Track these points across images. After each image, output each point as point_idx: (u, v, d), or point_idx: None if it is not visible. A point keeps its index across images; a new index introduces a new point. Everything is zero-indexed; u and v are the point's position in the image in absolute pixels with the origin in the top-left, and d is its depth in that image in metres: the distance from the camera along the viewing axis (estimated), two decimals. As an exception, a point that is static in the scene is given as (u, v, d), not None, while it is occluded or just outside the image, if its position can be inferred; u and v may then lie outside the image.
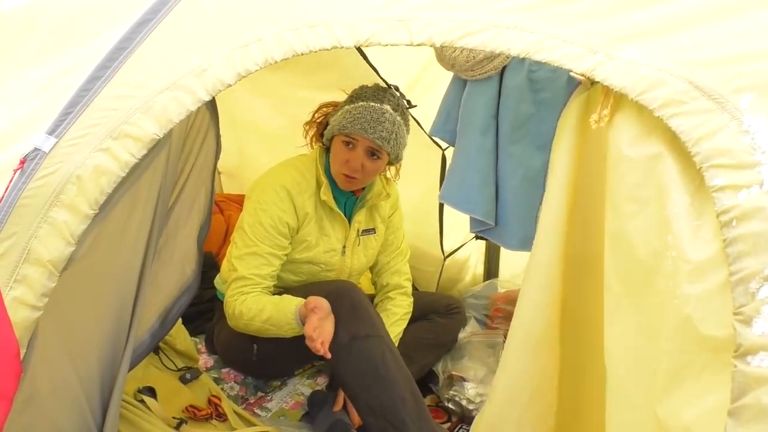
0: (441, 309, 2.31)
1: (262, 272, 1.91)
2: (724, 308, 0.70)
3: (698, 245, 0.75)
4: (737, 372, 0.65)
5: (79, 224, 1.04)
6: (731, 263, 0.69)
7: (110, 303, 1.34)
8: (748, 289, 0.67)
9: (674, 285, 0.76)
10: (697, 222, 0.76)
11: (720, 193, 0.73)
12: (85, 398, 1.34)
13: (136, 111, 1.05)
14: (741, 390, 0.65)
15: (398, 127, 1.92)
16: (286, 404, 2.09)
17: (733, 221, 0.71)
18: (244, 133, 2.85)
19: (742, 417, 0.64)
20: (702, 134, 0.78)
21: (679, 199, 0.79)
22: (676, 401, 0.73)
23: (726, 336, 0.69)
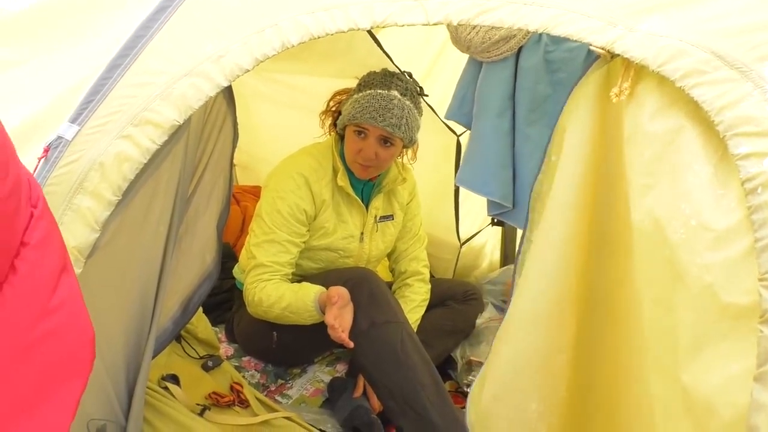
0: (458, 295, 2.31)
1: (280, 260, 1.92)
2: (746, 276, 0.70)
3: (721, 214, 0.75)
4: (763, 337, 0.65)
5: (103, 211, 1.05)
6: (756, 230, 0.69)
7: (133, 291, 1.36)
8: (775, 255, 0.67)
9: (693, 254, 0.76)
10: (721, 191, 0.76)
11: (745, 161, 0.72)
12: (111, 384, 1.36)
13: (155, 98, 1.06)
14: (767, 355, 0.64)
15: (408, 111, 1.91)
16: (307, 391, 2.10)
17: (759, 188, 0.70)
18: (258, 125, 2.86)
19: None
20: (725, 103, 0.77)
21: (702, 170, 0.79)
22: (699, 369, 0.73)
23: (748, 303, 0.69)
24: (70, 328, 0.60)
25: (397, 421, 1.73)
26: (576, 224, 1.04)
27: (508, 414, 1.20)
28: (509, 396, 1.19)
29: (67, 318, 0.60)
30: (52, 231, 0.82)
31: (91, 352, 0.64)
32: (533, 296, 1.12)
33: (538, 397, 1.13)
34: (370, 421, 1.89)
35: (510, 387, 1.19)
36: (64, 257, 0.75)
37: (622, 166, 0.92)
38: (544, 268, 1.10)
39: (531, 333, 1.14)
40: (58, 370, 0.58)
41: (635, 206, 0.88)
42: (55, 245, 0.81)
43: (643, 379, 0.87)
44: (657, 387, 0.83)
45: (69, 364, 0.60)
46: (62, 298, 0.65)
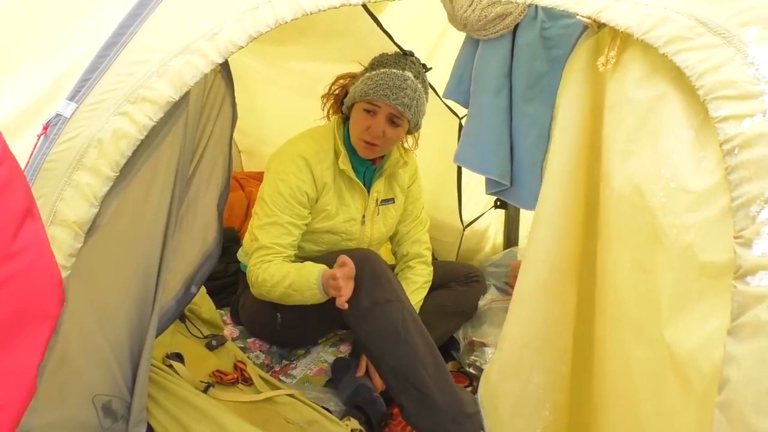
0: (461, 277, 2.33)
1: (283, 241, 1.95)
2: (723, 235, 0.71)
3: (700, 176, 0.76)
4: (737, 292, 0.66)
5: (102, 186, 1.07)
6: (733, 189, 0.70)
7: (136, 269, 1.38)
8: (749, 212, 0.68)
9: (673, 216, 0.77)
10: (700, 154, 0.77)
11: (723, 123, 0.73)
12: (115, 360, 1.40)
13: (151, 75, 1.08)
14: (740, 309, 0.66)
15: (419, 94, 1.93)
16: (311, 371, 2.13)
17: (736, 149, 0.71)
18: (263, 110, 2.88)
19: (740, 334, 0.65)
20: (707, 68, 0.78)
21: (683, 134, 0.80)
22: (680, 328, 0.74)
23: (725, 261, 0.70)
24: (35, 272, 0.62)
25: (399, 398, 1.75)
26: (570, 195, 1.05)
27: (513, 389, 1.21)
28: (514, 371, 1.20)
29: (31, 262, 0.62)
30: (14, 176, 0.82)
31: (59, 296, 0.66)
32: (535, 270, 1.14)
33: (541, 371, 1.15)
34: (373, 400, 1.92)
35: (515, 362, 1.20)
36: (28, 202, 0.75)
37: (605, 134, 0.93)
38: (544, 240, 1.11)
39: (534, 306, 1.15)
40: (25, 313, 0.60)
41: (615, 173, 0.89)
42: (17, 190, 0.81)
43: (622, 344, 0.88)
44: (636, 350, 0.84)
45: (36, 307, 0.61)
46: (25, 243, 0.66)
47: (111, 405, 1.41)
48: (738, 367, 0.64)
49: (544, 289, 1.09)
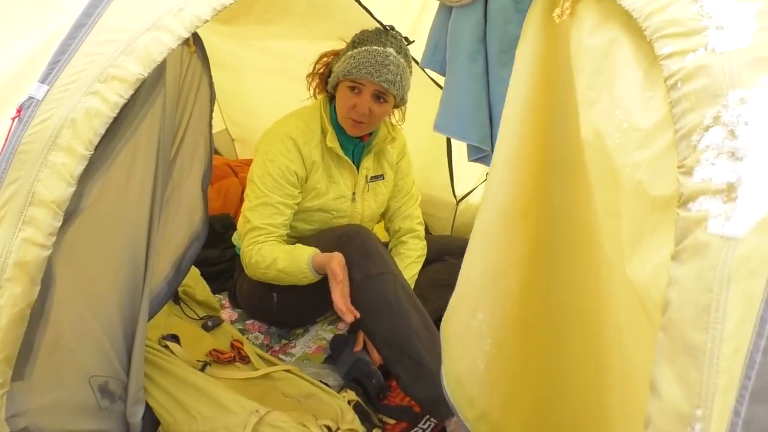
0: (455, 250, 2.34)
1: (274, 221, 1.97)
2: (669, 168, 0.72)
3: (648, 113, 0.77)
4: (679, 219, 0.68)
5: (77, 165, 1.10)
6: (676, 122, 0.71)
7: (123, 251, 1.41)
8: (690, 142, 0.69)
9: (626, 155, 0.79)
10: (649, 93, 0.78)
11: (668, 60, 0.74)
12: (108, 342, 1.43)
13: (120, 54, 1.10)
14: (682, 234, 0.67)
15: (402, 69, 1.94)
16: (309, 349, 2.16)
17: (678, 83, 0.72)
18: (251, 97, 2.90)
19: (682, 257, 0.66)
20: (653, 9, 0.79)
21: (633, 76, 0.81)
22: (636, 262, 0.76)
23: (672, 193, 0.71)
24: None
25: (394, 369, 1.77)
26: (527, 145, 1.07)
27: (460, 322, 1.28)
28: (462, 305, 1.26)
29: None
30: None
31: None
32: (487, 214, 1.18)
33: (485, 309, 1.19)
34: (370, 373, 1.94)
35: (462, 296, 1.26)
36: None
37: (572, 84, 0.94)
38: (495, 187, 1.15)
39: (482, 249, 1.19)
40: None
41: (582, 121, 0.90)
42: None
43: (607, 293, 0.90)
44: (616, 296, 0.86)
45: None
46: None
47: (108, 386, 1.45)
48: (679, 287, 0.65)
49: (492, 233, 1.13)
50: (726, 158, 0.65)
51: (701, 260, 0.64)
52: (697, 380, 0.62)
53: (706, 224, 0.64)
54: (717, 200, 0.65)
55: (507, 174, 1.06)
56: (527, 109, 1.03)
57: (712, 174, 0.66)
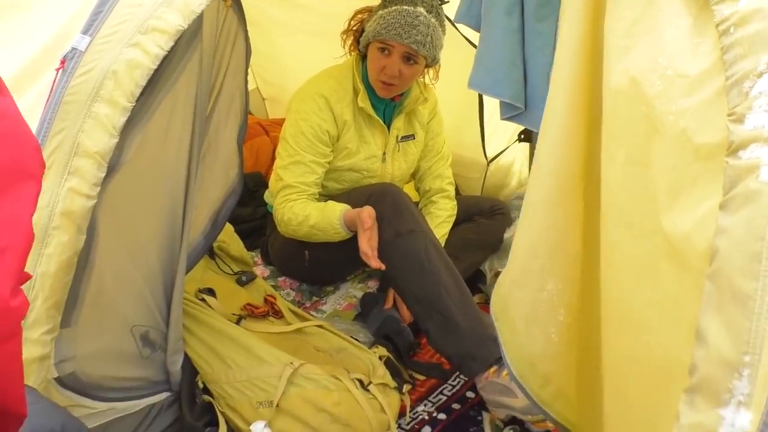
0: (485, 210, 2.34)
1: (307, 180, 1.99)
2: (717, 116, 0.70)
3: (696, 60, 0.75)
4: (729, 167, 0.67)
5: (120, 116, 1.12)
6: (727, 69, 0.69)
7: (162, 205, 1.44)
8: (742, 89, 0.67)
9: (669, 103, 0.77)
10: (698, 39, 0.76)
11: (720, 5, 0.72)
12: (149, 293, 1.47)
13: (159, 5, 1.11)
14: (732, 183, 0.66)
15: (433, 29, 1.92)
16: (340, 306, 2.20)
17: (731, 28, 0.70)
18: (284, 56, 2.89)
19: (731, 206, 0.65)
20: (706, -46, 0.76)
21: (681, 22, 0.78)
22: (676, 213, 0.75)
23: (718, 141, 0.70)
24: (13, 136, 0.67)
25: (424, 325, 1.80)
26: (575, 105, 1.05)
27: (526, 298, 1.23)
28: (527, 279, 1.22)
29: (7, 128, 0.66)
30: None
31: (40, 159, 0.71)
32: (543, 179, 1.15)
33: (555, 278, 1.16)
34: (400, 330, 1.97)
35: (527, 270, 1.22)
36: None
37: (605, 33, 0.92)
38: (550, 149, 1.12)
39: (544, 216, 1.16)
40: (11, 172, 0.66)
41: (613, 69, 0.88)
42: None
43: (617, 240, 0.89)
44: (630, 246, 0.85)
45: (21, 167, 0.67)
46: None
47: (149, 335, 1.50)
48: (728, 236, 0.65)
49: (553, 199, 1.10)
50: (780, 105, 0.64)
51: (752, 208, 0.63)
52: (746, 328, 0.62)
53: (758, 172, 0.64)
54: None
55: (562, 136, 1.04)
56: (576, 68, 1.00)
57: (765, 121, 0.64)
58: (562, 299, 1.13)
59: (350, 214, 1.87)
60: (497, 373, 1.65)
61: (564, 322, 1.14)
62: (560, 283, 1.12)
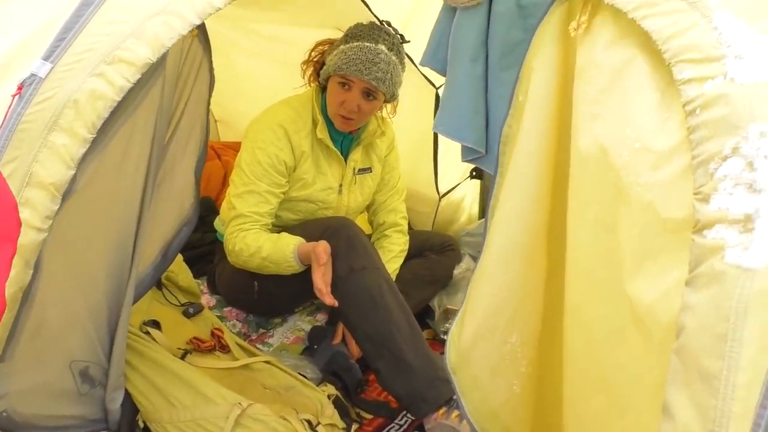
0: (436, 246, 2.36)
1: (260, 210, 1.96)
2: (683, 192, 0.74)
3: (664, 135, 0.79)
4: (695, 245, 0.70)
5: (79, 148, 1.08)
6: (694, 148, 0.73)
7: (113, 235, 1.38)
8: (708, 170, 0.71)
9: (636, 175, 0.81)
10: (666, 115, 0.80)
11: (687, 85, 0.76)
12: (93, 326, 1.41)
13: (128, 36, 1.08)
14: (697, 260, 0.69)
15: (393, 66, 1.94)
16: (287, 339, 2.16)
17: (697, 110, 0.74)
18: (239, 80, 2.85)
19: (697, 284, 0.69)
20: (673, 32, 0.81)
21: (649, 96, 0.83)
22: (641, 281, 0.78)
23: (684, 217, 0.74)
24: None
25: (375, 363, 1.79)
26: (543, 162, 1.08)
27: (490, 351, 1.24)
28: (490, 333, 1.23)
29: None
30: None
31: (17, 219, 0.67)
32: (507, 236, 1.16)
33: (518, 331, 1.18)
34: (349, 366, 1.95)
35: (490, 324, 1.23)
36: None
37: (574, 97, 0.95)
38: (516, 206, 1.14)
39: (507, 271, 1.18)
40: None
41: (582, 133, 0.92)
42: None
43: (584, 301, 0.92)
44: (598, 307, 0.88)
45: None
46: None
47: (88, 371, 1.43)
48: (693, 314, 0.68)
49: (517, 254, 1.12)
50: (744, 190, 0.67)
51: (718, 289, 0.66)
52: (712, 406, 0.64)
53: (723, 253, 0.67)
54: (734, 230, 0.67)
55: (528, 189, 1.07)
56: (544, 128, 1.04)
57: (729, 204, 0.68)
58: (525, 351, 1.15)
59: (305, 247, 1.85)
60: (446, 414, 1.66)
61: (526, 373, 1.16)
62: (523, 335, 1.15)
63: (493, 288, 1.19)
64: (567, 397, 0.98)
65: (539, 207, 1.08)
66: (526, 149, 1.08)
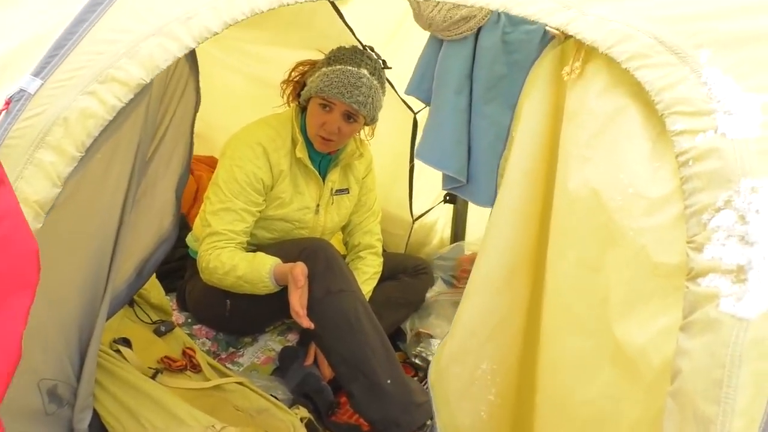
0: (409, 269, 2.38)
1: (236, 228, 1.94)
2: (676, 239, 0.78)
3: (656, 183, 0.83)
4: (689, 292, 0.73)
5: (66, 166, 1.05)
6: (686, 198, 0.77)
7: (90, 250, 1.35)
8: (701, 220, 0.75)
9: (630, 219, 0.84)
10: (657, 164, 0.84)
11: (679, 137, 0.80)
12: (63, 344, 1.37)
13: (122, 56, 1.06)
14: (691, 307, 0.72)
15: (374, 91, 1.96)
16: (258, 359, 2.14)
17: (690, 161, 0.78)
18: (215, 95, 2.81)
19: (692, 330, 0.72)
20: (664, 85, 0.85)
21: (641, 144, 0.86)
22: (631, 324, 0.81)
23: (677, 263, 0.77)
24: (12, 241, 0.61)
25: (348, 386, 1.79)
26: (529, 196, 1.11)
27: (462, 373, 1.27)
28: (464, 356, 1.26)
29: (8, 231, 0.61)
30: None
31: (36, 264, 0.65)
32: (491, 263, 1.19)
33: (490, 359, 1.21)
34: (321, 388, 1.94)
35: (465, 348, 1.26)
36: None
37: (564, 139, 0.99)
38: (501, 236, 1.17)
39: (486, 298, 1.21)
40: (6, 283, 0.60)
41: (572, 175, 0.95)
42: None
43: (558, 336, 0.94)
44: (572, 342, 0.91)
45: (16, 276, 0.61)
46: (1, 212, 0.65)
47: (56, 390, 1.39)
48: (690, 359, 0.70)
49: (497, 282, 1.15)
50: (736, 241, 0.71)
51: (713, 336, 0.69)
52: (710, 451, 0.66)
53: (718, 302, 0.70)
54: (727, 280, 0.70)
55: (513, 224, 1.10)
56: (532, 162, 1.07)
57: (722, 254, 0.71)
58: (495, 381, 1.18)
59: (281, 268, 1.85)
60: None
61: (494, 402, 1.19)
62: (495, 364, 1.17)
63: (472, 312, 1.22)
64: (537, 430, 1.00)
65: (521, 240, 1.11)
66: (513, 183, 1.11)
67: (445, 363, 1.31)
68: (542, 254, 1.07)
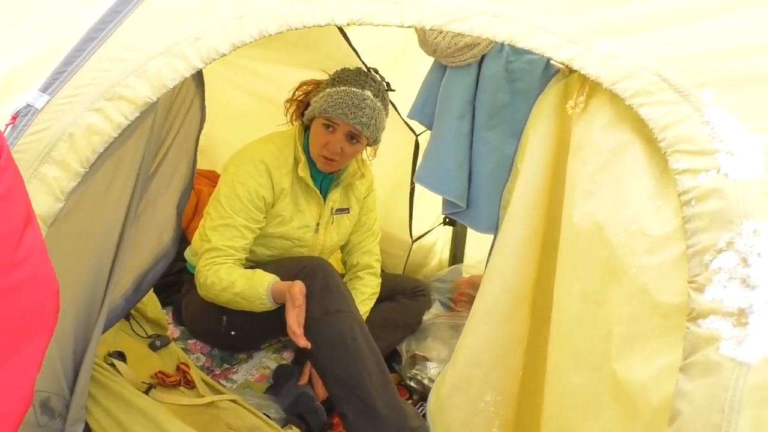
0: (407, 291, 2.38)
1: (235, 244, 1.94)
2: (677, 278, 0.78)
3: (659, 221, 0.83)
4: (689, 333, 0.73)
5: (70, 181, 1.06)
6: (689, 238, 0.77)
7: (89, 263, 1.36)
8: (703, 260, 0.75)
9: (632, 256, 0.84)
10: (660, 201, 0.84)
11: (682, 175, 0.80)
12: (58, 356, 1.36)
13: (130, 74, 1.07)
14: (692, 348, 0.72)
15: (378, 112, 1.97)
16: (252, 376, 2.12)
17: (693, 200, 0.78)
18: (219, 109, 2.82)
19: (692, 372, 0.72)
20: (668, 122, 0.85)
21: (644, 181, 0.87)
22: (632, 361, 0.81)
23: (678, 302, 0.77)
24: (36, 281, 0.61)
25: (343, 408, 1.77)
26: (533, 227, 1.11)
27: (464, 404, 1.26)
28: (467, 387, 1.25)
29: (32, 271, 0.61)
30: (17, 182, 0.80)
31: (56, 305, 0.65)
32: (494, 293, 1.19)
33: (493, 390, 1.20)
34: (314, 409, 1.93)
35: (468, 378, 1.25)
36: (28, 209, 0.73)
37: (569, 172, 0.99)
38: (505, 267, 1.17)
39: (490, 327, 1.21)
40: (24, 325, 0.59)
41: (576, 209, 0.95)
42: (19, 197, 0.79)
43: (561, 369, 0.94)
44: (574, 376, 0.90)
45: (35, 318, 0.61)
46: (27, 251, 0.65)
47: (49, 402, 1.38)
48: (689, 401, 0.70)
49: (501, 312, 1.15)
50: (738, 284, 0.71)
51: (713, 380, 0.69)
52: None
53: (718, 345, 0.70)
54: (728, 322, 0.70)
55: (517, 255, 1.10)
56: (536, 193, 1.07)
57: (723, 296, 0.72)
58: (498, 412, 1.17)
59: (279, 286, 1.84)
60: (413, 465, 1.65)
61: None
62: (498, 396, 1.16)
63: (475, 341, 1.22)
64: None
65: (525, 270, 1.11)
66: (518, 216, 1.11)
67: (446, 392, 1.30)
68: (546, 285, 1.07)
